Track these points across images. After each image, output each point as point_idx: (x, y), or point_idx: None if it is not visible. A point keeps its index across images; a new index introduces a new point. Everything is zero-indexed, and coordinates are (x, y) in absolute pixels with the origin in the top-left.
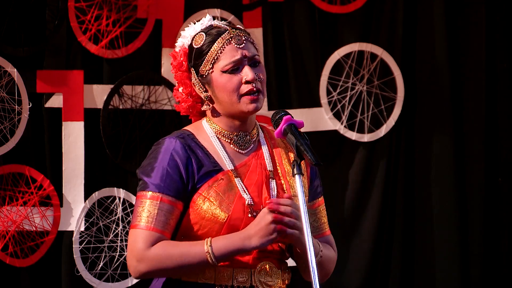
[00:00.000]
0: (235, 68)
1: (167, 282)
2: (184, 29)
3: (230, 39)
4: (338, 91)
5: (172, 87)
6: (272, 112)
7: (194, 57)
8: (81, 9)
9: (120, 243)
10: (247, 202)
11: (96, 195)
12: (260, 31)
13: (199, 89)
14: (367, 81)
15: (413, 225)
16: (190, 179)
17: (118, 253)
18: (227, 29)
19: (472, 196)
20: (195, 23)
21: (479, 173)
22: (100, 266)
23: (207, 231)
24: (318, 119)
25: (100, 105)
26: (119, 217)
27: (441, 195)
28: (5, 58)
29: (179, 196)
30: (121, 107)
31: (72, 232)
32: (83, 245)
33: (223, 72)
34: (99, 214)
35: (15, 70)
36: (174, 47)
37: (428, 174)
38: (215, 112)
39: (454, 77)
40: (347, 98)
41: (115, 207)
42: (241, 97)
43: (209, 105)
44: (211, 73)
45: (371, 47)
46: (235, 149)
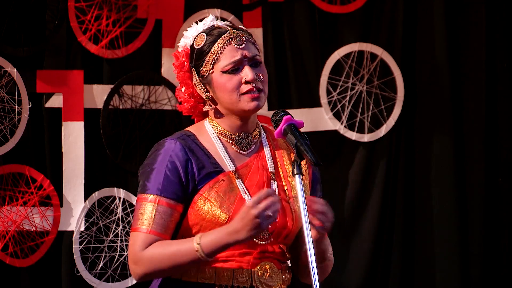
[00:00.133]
0: (235, 68)
1: (167, 282)
2: (186, 29)
3: (230, 39)
4: (338, 91)
5: (172, 87)
6: (272, 112)
7: (195, 57)
8: (81, 9)
9: (120, 243)
10: (247, 203)
11: (96, 195)
12: (260, 31)
13: (200, 89)
14: (367, 81)
15: (413, 225)
16: (190, 180)
17: (118, 253)
18: (228, 30)
19: (472, 196)
20: (197, 23)
21: (479, 173)
22: (100, 266)
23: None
24: (318, 119)
25: (100, 105)
26: (119, 217)
27: (441, 195)
28: (5, 58)
29: (178, 198)
30: (121, 107)
31: (72, 232)
32: (83, 245)
33: (223, 72)
34: (99, 214)
35: (15, 70)
36: (174, 47)
37: (428, 174)
38: (217, 112)
39: (454, 77)
40: (347, 98)
41: (115, 207)
42: (241, 96)
43: (211, 106)
44: (212, 73)
45: (371, 47)
46: (237, 150)
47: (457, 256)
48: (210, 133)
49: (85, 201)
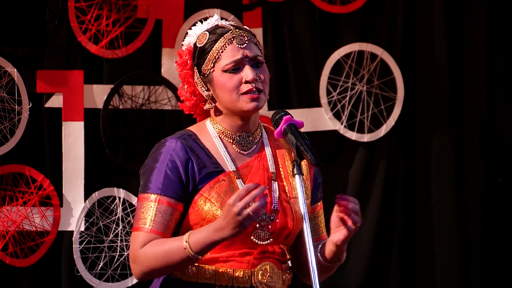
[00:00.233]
0: (236, 68)
1: (167, 281)
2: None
3: (232, 38)
4: (338, 91)
5: (172, 87)
6: (272, 112)
7: (197, 55)
8: (81, 9)
9: (120, 243)
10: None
11: (96, 195)
12: (260, 31)
13: (201, 87)
14: (367, 81)
15: (413, 225)
16: (190, 180)
17: (118, 253)
18: (231, 29)
19: (472, 196)
20: (202, 22)
21: (479, 173)
22: (100, 266)
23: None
24: (318, 119)
25: (100, 105)
26: (119, 217)
27: (441, 195)
28: (5, 58)
29: (178, 198)
30: (121, 107)
31: (72, 232)
32: (83, 245)
33: (224, 71)
34: (99, 214)
35: (15, 70)
36: (174, 47)
37: (428, 174)
38: (217, 111)
39: (454, 77)
40: (347, 98)
41: (115, 207)
42: (241, 95)
43: (211, 104)
44: (212, 72)
45: (371, 47)
46: (238, 150)
47: (457, 256)
48: (211, 133)
49: (85, 201)
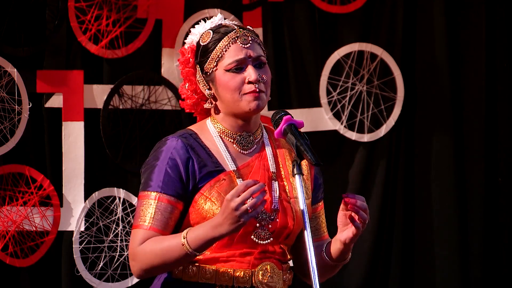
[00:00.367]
0: (239, 67)
1: (167, 281)
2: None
3: (236, 38)
4: (338, 91)
5: (172, 87)
6: (272, 112)
7: (200, 54)
8: (81, 9)
9: (120, 243)
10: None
11: (96, 195)
12: (260, 31)
13: (203, 86)
14: (367, 81)
15: (413, 225)
16: (191, 179)
17: (118, 253)
18: (234, 29)
19: (472, 196)
20: (205, 21)
21: (479, 173)
22: (100, 266)
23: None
24: (318, 119)
25: (100, 105)
26: (119, 217)
27: (441, 195)
28: (5, 58)
29: (178, 196)
30: (121, 107)
31: (72, 232)
32: (83, 245)
33: (227, 70)
34: (99, 214)
35: (15, 70)
36: (174, 47)
37: (428, 174)
38: (218, 110)
39: (454, 77)
40: (347, 98)
41: (115, 207)
42: (243, 95)
43: (213, 103)
44: (215, 71)
45: (371, 47)
46: (238, 149)
47: (457, 256)
48: (212, 132)
49: (85, 201)
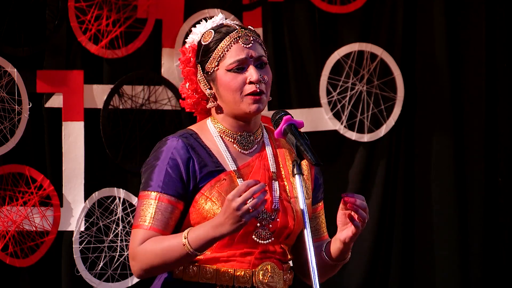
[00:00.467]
0: (240, 67)
1: (168, 281)
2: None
3: (237, 38)
4: (338, 91)
5: (172, 87)
6: (272, 112)
7: (201, 53)
8: (81, 9)
9: (120, 243)
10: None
11: (96, 195)
12: (260, 31)
13: (203, 85)
14: (367, 81)
15: (413, 225)
16: (191, 179)
17: (118, 253)
18: (236, 29)
19: (472, 196)
20: (206, 21)
21: (479, 173)
22: (100, 266)
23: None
24: (318, 119)
25: (100, 105)
26: (119, 217)
27: (441, 195)
28: (5, 58)
29: (179, 196)
30: (121, 107)
31: (72, 232)
32: (83, 245)
33: (228, 70)
34: (99, 214)
35: (15, 70)
36: (174, 47)
37: (428, 174)
38: (219, 110)
39: (454, 77)
40: (347, 98)
41: (115, 207)
42: (244, 97)
43: (213, 103)
44: (217, 70)
45: (371, 47)
46: (239, 149)
47: (457, 256)
48: (212, 132)
49: (85, 201)
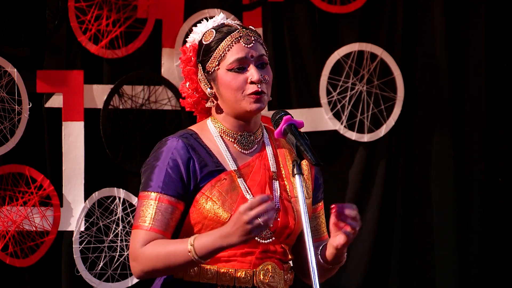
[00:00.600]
0: (241, 67)
1: (168, 281)
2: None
3: (239, 38)
4: (338, 91)
5: (172, 87)
6: (272, 112)
7: (202, 53)
8: (81, 9)
9: (120, 243)
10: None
11: (96, 195)
12: (260, 31)
13: (204, 85)
14: (367, 81)
15: (413, 225)
16: (192, 179)
17: (118, 253)
18: (238, 28)
19: (472, 196)
20: (207, 20)
21: (479, 173)
22: (100, 266)
23: (210, 231)
24: (318, 119)
25: (100, 105)
26: (119, 217)
27: (441, 195)
28: (5, 58)
29: (179, 196)
30: (121, 107)
31: (72, 232)
32: (83, 245)
33: (228, 70)
34: (99, 214)
35: (15, 70)
36: (174, 47)
37: (428, 174)
38: (219, 110)
39: (454, 77)
40: (347, 98)
41: (115, 207)
42: (245, 96)
43: (214, 102)
44: (217, 70)
45: (371, 47)
46: (239, 149)
47: (457, 256)
48: (212, 132)
49: (85, 201)
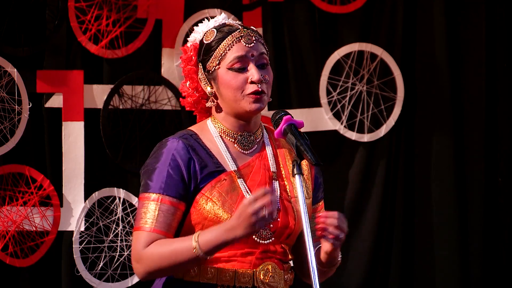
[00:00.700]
0: (242, 67)
1: (169, 282)
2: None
3: (240, 37)
4: (338, 91)
5: (172, 87)
6: (272, 112)
7: (203, 52)
8: (81, 9)
9: (120, 243)
10: (244, 201)
11: (96, 195)
12: (260, 31)
13: (204, 84)
14: (367, 81)
15: (413, 225)
16: (192, 179)
17: (118, 253)
18: (239, 28)
19: (472, 196)
20: (209, 20)
21: (479, 173)
22: (100, 266)
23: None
24: (318, 119)
25: (100, 105)
26: (119, 217)
27: (441, 195)
28: (5, 58)
29: (180, 197)
30: (121, 107)
31: (72, 232)
32: (83, 245)
33: (229, 69)
34: (99, 214)
35: (15, 70)
36: (174, 47)
37: (428, 174)
38: (219, 109)
39: (454, 77)
40: (347, 98)
41: (115, 207)
42: (245, 95)
43: (214, 101)
44: (218, 69)
45: (371, 47)
46: (239, 149)
47: (457, 256)
48: (212, 132)
49: (85, 201)
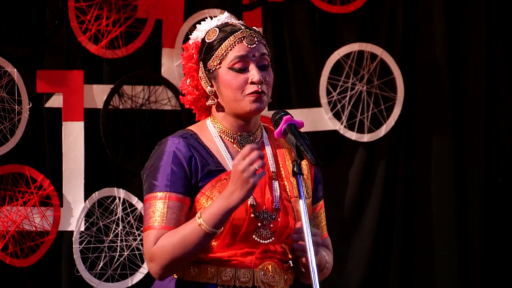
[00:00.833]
0: (243, 68)
1: (169, 282)
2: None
3: (242, 38)
4: (338, 91)
5: (172, 87)
6: (272, 112)
7: (204, 51)
8: (81, 9)
9: (120, 243)
10: (249, 202)
11: (96, 195)
12: (260, 31)
13: (205, 83)
14: (367, 81)
15: (413, 225)
16: (193, 176)
17: (118, 253)
18: (241, 28)
19: (472, 196)
20: (212, 19)
21: (479, 173)
22: (100, 266)
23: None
24: (318, 119)
25: (100, 105)
26: (119, 217)
27: (441, 195)
28: (5, 58)
29: (186, 192)
30: (121, 107)
31: (72, 232)
32: (83, 245)
33: (229, 68)
34: (99, 214)
35: (15, 70)
36: (174, 47)
37: (428, 174)
38: (219, 108)
39: (454, 77)
40: (347, 98)
41: (115, 207)
42: (245, 96)
43: (214, 100)
44: (219, 68)
45: (371, 47)
46: (238, 149)
47: (457, 256)
48: (212, 132)
49: (85, 201)
